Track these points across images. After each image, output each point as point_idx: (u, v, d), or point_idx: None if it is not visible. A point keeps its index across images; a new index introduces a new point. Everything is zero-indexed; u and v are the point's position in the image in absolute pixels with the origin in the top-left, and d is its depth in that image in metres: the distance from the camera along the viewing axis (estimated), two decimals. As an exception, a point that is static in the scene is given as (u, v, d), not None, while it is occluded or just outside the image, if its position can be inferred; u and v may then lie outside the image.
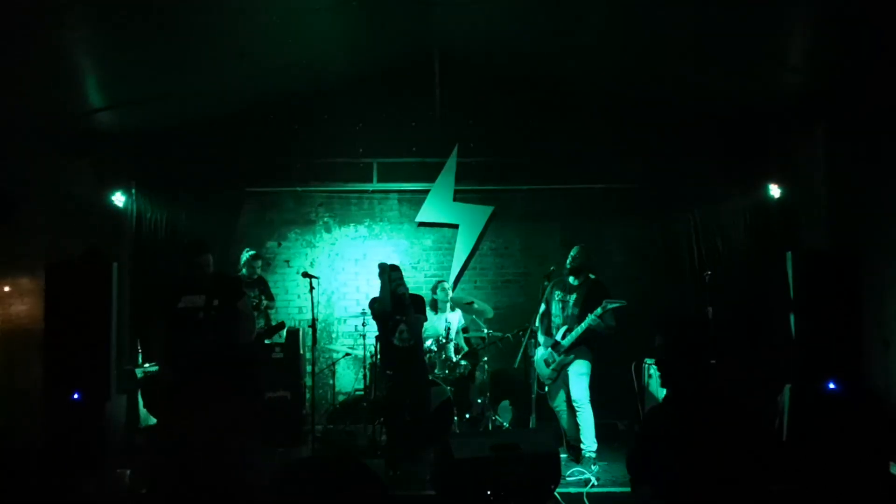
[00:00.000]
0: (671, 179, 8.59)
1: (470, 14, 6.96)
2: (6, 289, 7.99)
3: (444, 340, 7.73)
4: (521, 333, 7.75)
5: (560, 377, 6.89)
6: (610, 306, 6.58)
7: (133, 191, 8.23)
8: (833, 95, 7.05)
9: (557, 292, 7.01)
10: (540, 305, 7.15)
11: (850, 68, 6.43)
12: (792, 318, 6.83)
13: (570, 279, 6.97)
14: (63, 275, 6.20)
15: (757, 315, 7.91)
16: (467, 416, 7.73)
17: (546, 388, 7.02)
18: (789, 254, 6.88)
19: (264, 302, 8.08)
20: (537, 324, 7.14)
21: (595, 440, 6.73)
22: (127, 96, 7.23)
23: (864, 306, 6.58)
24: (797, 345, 6.74)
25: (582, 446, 6.72)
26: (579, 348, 6.79)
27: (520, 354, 7.38)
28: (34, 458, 5.98)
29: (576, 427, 6.82)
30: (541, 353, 7.05)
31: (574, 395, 6.75)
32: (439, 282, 8.32)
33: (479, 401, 7.91)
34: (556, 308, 6.99)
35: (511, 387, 8.29)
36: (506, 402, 8.14)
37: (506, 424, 7.85)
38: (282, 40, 6.91)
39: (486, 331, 8.09)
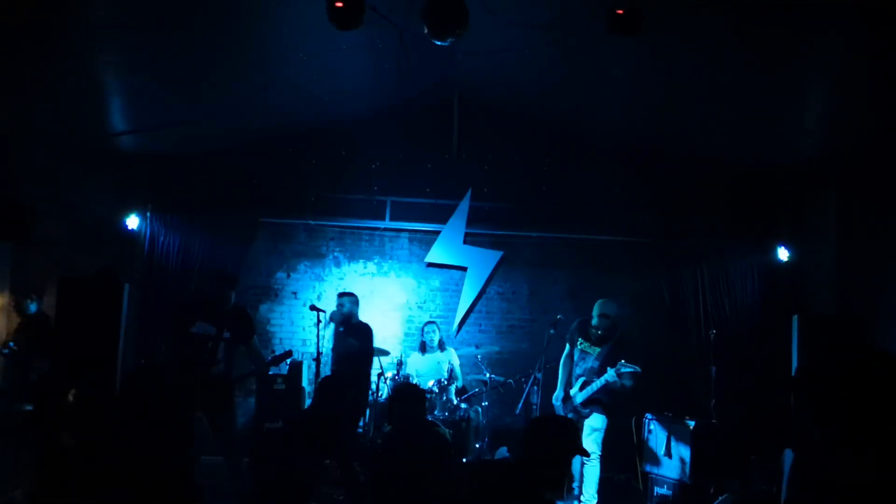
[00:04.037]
0: (681, 235, 8.67)
1: (492, 62, 7.09)
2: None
3: (445, 382, 7.73)
4: (523, 380, 7.75)
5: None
6: (624, 370, 6.58)
7: (148, 213, 8.33)
8: (846, 160, 7.14)
9: (580, 339, 7.03)
10: (565, 346, 7.18)
11: (864, 134, 6.53)
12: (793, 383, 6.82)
13: (594, 330, 6.99)
14: (75, 291, 6.25)
15: (761, 377, 7.92)
16: (464, 460, 7.69)
17: None
18: (795, 317, 6.90)
19: None
20: (561, 365, 7.15)
21: (596, 494, 6.72)
22: (150, 121, 7.36)
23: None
24: (799, 409, 6.71)
25: (582, 498, 6.70)
26: (595, 404, 6.79)
27: (521, 401, 7.39)
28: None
29: (580, 477, 6.81)
30: (558, 402, 7.07)
31: (585, 447, 6.74)
32: (427, 322, 8.36)
33: (478, 445, 7.87)
34: (577, 356, 7.01)
35: (510, 433, 8.26)
36: (503, 449, 8.10)
37: (502, 471, 7.79)
38: (306, 76, 7.04)
39: (487, 375, 8.08)
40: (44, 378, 6.22)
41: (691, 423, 7.07)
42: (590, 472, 6.70)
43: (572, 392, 6.90)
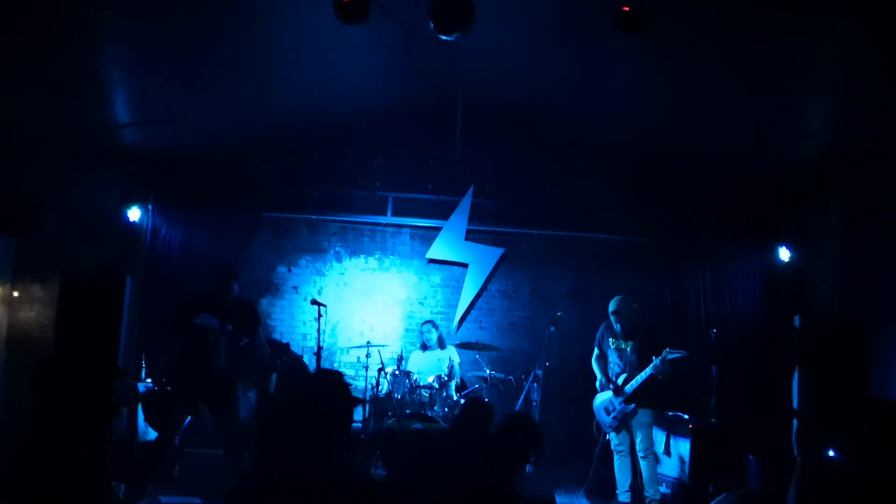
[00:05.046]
0: (683, 235, 8.68)
1: (496, 59, 7.10)
2: (16, 294, 8.04)
3: (445, 378, 7.75)
4: (523, 377, 7.78)
5: (622, 424, 6.94)
6: (670, 356, 6.62)
7: (150, 207, 8.33)
8: (849, 161, 7.14)
9: (610, 339, 7.08)
10: (593, 349, 7.25)
11: (868, 136, 6.53)
12: (796, 382, 6.82)
13: (616, 326, 7.04)
14: (78, 284, 6.23)
15: (761, 377, 7.93)
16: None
17: (607, 437, 7.04)
18: (797, 317, 6.90)
19: None
20: (595, 367, 7.17)
21: (659, 491, 6.81)
22: (154, 115, 7.36)
23: (869, 376, 6.57)
24: (799, 410, 6.71)
25: (646, 494, 6.78)
26: (641, 398, 6.83)
27: (521, 398, 7.42)
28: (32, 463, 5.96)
29: (627, 472, 6.91)
30: (600, 400, 7.08)
31: (640, 444, 6.81)
32: (424, 322, 8.38)
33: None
34: (613, 356, 7.05)
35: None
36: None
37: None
38: (311, 71, 7.04)
39: (488, 371, 8.09)
40: (44, 370, 6.18)
41: (691, 422, 7.09)
42: (649, 467, 6.78)
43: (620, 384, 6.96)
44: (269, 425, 2.84)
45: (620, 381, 6.92)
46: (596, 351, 7.23)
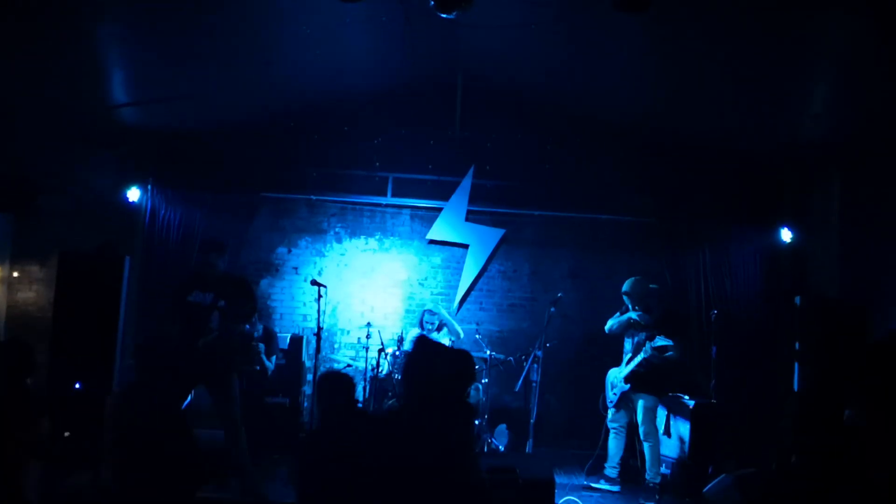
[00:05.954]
0: (683, 216, 8.64)
1: (497, 39, 7.04)
2: (15, 275, 8.05)
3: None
4: (523, 358, 7.77)
5: (623, 402, 7.02)
6: (659, 342, 6.66)
7: (149, 187, 8.30)
8: (851, 143, 7.09)
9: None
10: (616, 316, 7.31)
11: (871, 117, 6.48)
12: (796, 364, 6.82)
13: (629, 305, 7.14)
14: (76, 264, 6.23)
15: (762, 358, 7.92)
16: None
17: (609, 412, 7.08)
18: (798, 298, 6.88)
19: None
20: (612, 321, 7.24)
21: (659, 474, 6.86)
22: (153, 94, 7.32)
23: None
24: (799, 393, 6.71)
25: (646, 476, 6.86)
26: (641, 382, 6.88)
27: (521, 379, 7.41)
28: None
29: (618, 449, 7.03)
30: (611, 375, 7.20)
31: (643, 427, 6.90)
32: (427, 311, 8.36)
33: (477, 422, 7.90)
34: (626, 335, 7.15)
35: (509, 411, 8.29)
36: (502, 426, 8.13)
37: (501, 448, 7.84)
38: (310, 51, 6.98)
39: (488, 352, 8.08)
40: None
41: (691, 403, 7.09)
42: (651, 450, 6.87)
43: (621, 370, 6.99)
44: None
45: (626, 359, 6.97)
46: (616, 313, 7.29)
